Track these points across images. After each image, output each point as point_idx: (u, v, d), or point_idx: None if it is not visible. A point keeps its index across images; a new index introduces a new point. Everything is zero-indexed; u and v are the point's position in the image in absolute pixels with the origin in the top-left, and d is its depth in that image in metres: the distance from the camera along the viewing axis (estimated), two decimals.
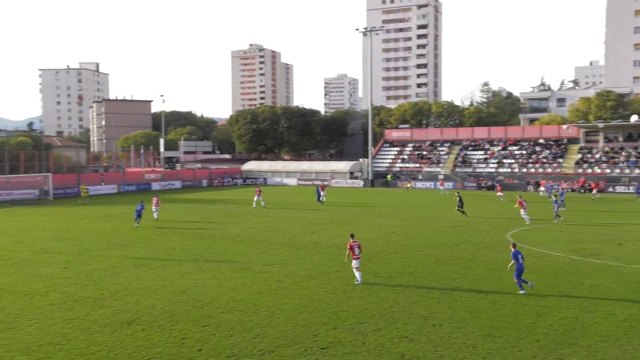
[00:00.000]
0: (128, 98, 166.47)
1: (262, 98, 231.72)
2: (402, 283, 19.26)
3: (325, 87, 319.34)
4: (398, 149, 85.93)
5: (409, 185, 72.69)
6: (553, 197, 38.83)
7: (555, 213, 35.89)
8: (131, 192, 68.78)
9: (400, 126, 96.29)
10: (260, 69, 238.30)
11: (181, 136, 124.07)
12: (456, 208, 39.02)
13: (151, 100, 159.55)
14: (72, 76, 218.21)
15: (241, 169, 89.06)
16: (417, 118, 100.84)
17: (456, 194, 41.44)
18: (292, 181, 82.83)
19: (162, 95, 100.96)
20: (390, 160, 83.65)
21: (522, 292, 17.74)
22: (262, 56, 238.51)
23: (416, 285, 18.91)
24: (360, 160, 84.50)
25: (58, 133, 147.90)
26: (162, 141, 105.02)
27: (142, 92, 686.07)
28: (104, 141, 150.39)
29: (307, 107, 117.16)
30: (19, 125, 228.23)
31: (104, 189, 66.49)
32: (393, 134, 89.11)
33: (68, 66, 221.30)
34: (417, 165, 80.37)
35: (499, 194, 53.11)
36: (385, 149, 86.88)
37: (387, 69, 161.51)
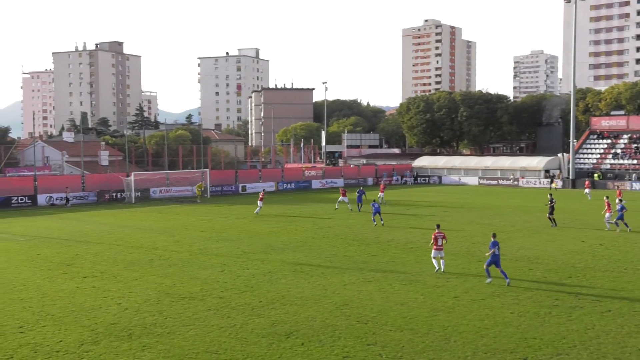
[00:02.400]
0: (288, 86, 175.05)
1: (437, 82, 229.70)
2: (612, 308, 17.97)
3: (515, 68, 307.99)
4: (609, 141, 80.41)
5: (554, 184, 69.62)
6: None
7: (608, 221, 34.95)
8: (290, 190, 72.18)
9: (613, 113, 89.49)
10: (437, 48, 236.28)
11: (344, 128, 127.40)
12: (547, 215, 37.31)
13: (313, 89, 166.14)
14: (231, 64, 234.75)
15: (412, 165, 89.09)
16: (636, 102, 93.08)
17: (549, 195, 39.21)
18: (472, 180, 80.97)
19: (325, 83, 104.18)
20: (598, 156, 78.45)
21: (488, 280, 21.32)
22: (438, 33, 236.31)
23: (632, 312, 17.53)
24: (559, 155, 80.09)
25: (216, 126, 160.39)
26: (323, 134, 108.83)
27: (303, 80, 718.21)
28: (263, 134, 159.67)
29: (491, 91, 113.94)
30: (178, 118, 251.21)
31: (262, 187, 70.55)
32: (603, 123, 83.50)
33: (227, 53, 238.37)
34: (635, 162, 74.25)
35: (586, 190, 56.46)
36: (592, 141, 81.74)
37: (596, 42, 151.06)
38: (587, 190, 56.72)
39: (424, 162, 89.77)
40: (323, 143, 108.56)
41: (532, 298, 19.29)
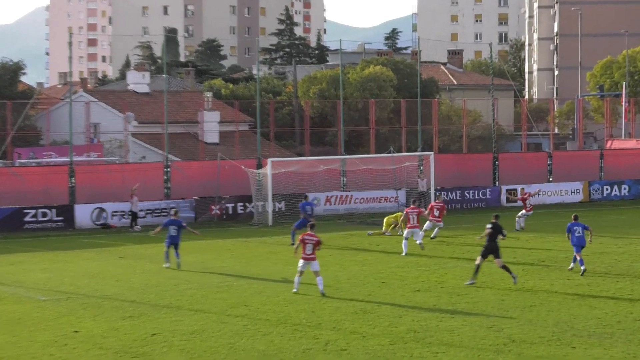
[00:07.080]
0: None
1: None
2: None
3: None
4: None
5: None
6: None
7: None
8: (618, 200, 70.81)
9: None
10: None
11: None
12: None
13: None
14: None
15: None
16: None
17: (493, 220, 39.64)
18: None
19: None
20: None
21: (166, 265, 41.10)
22: None
23: None
24: None
25: (450, 55, 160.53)
26: None
27: None
28: (557, 71, 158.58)
29: None
30: (367, 38, 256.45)
31: (544, 190, 69.70)
32: None
33: None
34: None
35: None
36: None
37: None
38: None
39: None
40: None
41: None
